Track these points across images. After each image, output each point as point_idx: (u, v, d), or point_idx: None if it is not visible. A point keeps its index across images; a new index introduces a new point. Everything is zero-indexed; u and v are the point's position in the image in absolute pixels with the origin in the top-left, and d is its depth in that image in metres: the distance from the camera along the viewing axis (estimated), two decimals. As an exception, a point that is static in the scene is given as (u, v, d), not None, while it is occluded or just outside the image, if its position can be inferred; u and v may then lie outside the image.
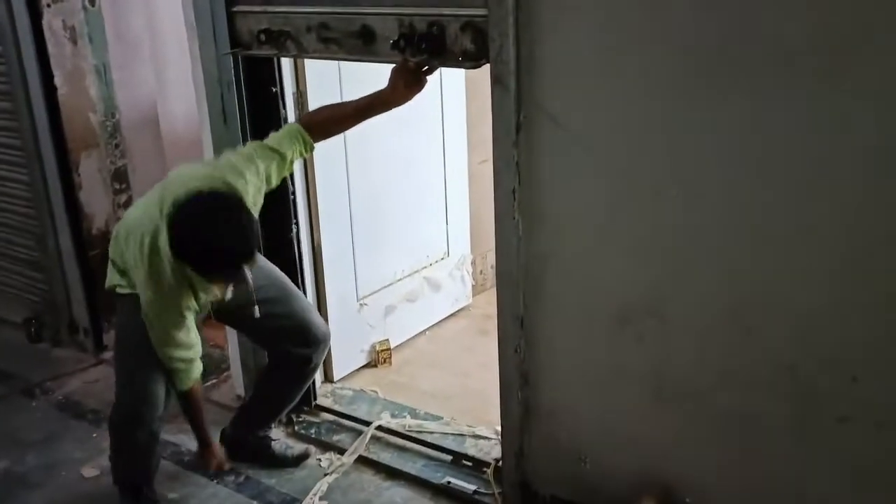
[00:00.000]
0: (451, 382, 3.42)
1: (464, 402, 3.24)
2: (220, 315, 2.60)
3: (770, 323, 1.98)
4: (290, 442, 2.95)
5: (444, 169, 3.73)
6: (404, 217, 3.57)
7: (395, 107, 2.40)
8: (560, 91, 2.09)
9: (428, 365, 3.57)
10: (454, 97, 3.68)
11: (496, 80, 2.15)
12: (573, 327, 2.28)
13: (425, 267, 3.76)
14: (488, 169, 3.98)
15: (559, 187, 2.18)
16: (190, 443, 3.05)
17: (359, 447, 2.90)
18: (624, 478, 2.30)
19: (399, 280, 3.62)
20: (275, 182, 2.41)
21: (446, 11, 2.22)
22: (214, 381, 3.45)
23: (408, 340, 3.73)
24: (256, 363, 3.07)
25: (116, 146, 3.67)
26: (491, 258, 4.30)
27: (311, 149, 2.45)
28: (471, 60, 2.23)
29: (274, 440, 2.89)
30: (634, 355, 2.20)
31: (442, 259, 3.84)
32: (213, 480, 2.83)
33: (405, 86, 2.33)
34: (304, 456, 2.89)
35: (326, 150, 3.10)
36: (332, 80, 2.97)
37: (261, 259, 2.64)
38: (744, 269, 1.98)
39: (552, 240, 2.24)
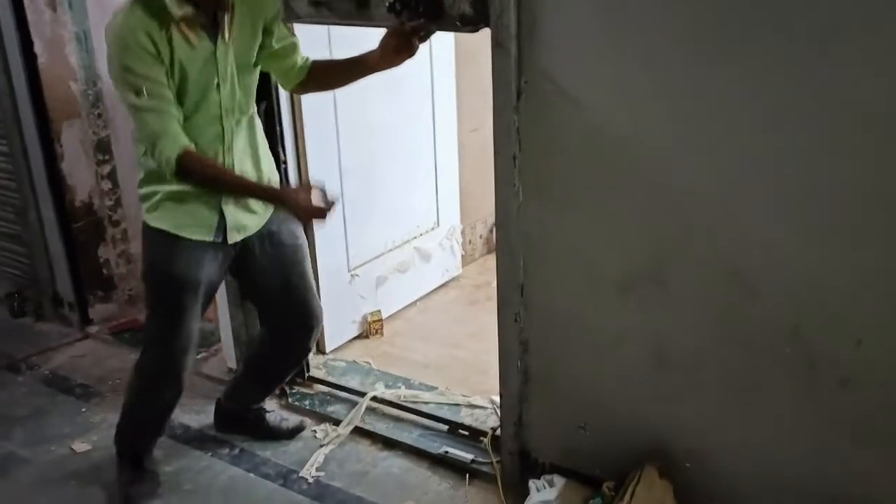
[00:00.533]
0: (443, 353, 3.41)
1: (457, 371, 3.24)
2: (238, 266, 2.48)
3: (773, 286, 1.97)
4: (285, 414, 2.93)
5: (434, 138, 3.70)
6: (394, 187, 3.53)
7: (380, 70, 2.32)
8: (562, 55, 2.06)
9: (419, 336, 3.56)
10: (444, 66, 3.63)
11: (497, 45, 2.11)
12: (574, 294, 2.27)
13: (415, 237, 3.73)
14: (478, 138, 3.99)
15: (560, 153, 2.15)
16: (182, 416, 3.02)
17: (354, 418, 2.88)
18: (624, 444, 2.30)
19: (390, 251, 3.59)
20: (273, 41, 2.32)
21: (444, -26, 2.17)
22: (205, 354, 3.41)
23: (399, 311, 3.71)
24: (248, 336, 3.04)
25: (99, 116, 3.59)
26: (480, 228, 4.31)
27: (299, 80, 2.42)
28: (469, 25, 2.18)
29: (268, 412, 2.86)
30: (636, 321, 2.19)
31: (432, 229, 3.81)
32: (207, 454, 2.80)
33: (395, 50, 2.25)
34: (299, 428, 2.87)
35: (316, 120, 3.07)
36: (321, 45, 2.91)
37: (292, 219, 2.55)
38: (747, 233, 1.97)
39: (553, 207, 2.21)
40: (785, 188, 1.89)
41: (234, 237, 2.36)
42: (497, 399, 2.89)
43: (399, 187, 3.56)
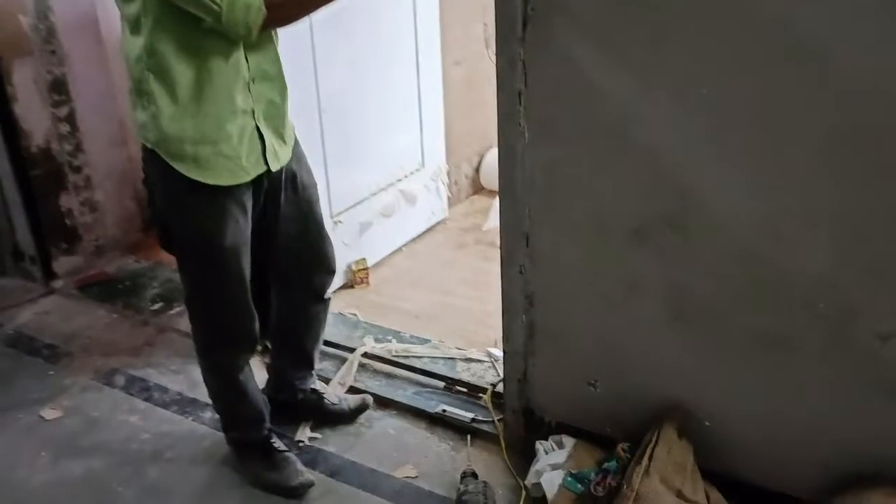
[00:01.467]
0: (433, 301, 3.23)
1: (449, 321, 3.07)
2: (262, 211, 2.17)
3: (807, 234, 1.80)
4: (343, 394, 2.65)
5: (418, 72, 3.45)
6: (377, 126, 3.31)
7: None
8: (574, -23, 1.84)
9: (407, 283, 3.38)
10: (426, -5, 3.38)
11: (500, -34, 1.88)
12: (584, 243, 2.08)
13: (400, 179, 3.52)
14: (461, 72, 3.75)
15: (571, 88, 1.94)
16: (158, 377, 2.84)
17: (346, 376, 2.70)
18: (637, 402, 2.16)
19: (374, 194, 3.39)
20: None
21: None
22: (179, 308, 3.21)
23: (384, 258, 3.52)
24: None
25: (53, 53, 3.29)
26: (465, 168, 4.10)
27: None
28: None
29: (324, 393, 2.57)
30: (652, 272, 2.02)
31: (417, 170, 3.60)
32: (188, 418, 2.62)
33: None
34: (362, 407, 2.57)
35: (292, 53, 2.79)
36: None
37: (305, 155, 2.29)
38: (780, 175, 1.78)
39: (562, 147, 2.01)
40: (819, 127, 1.70)
41: (273, 165, 2.05)
42: (495, 352, 2.75)
43: (382, 126, 3.33)
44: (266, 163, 2.04)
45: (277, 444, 2.37)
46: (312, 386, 2.57)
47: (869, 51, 1.59)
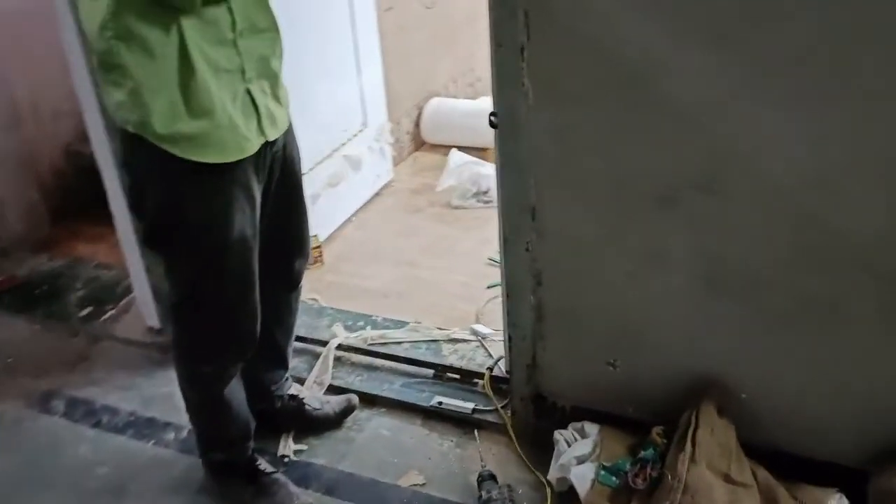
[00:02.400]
0: (398, 275, 2.97)
1: (421, 297, 2.82)
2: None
3: (861, 190, 1.61)
4: (323, 396, 2.34)
5: (353, 21, 3.11)
6: (315, 85, 2.95)
7: None
8: None
9: (366, 257, 3.09)
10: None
11: None
12: (600, 213, 1.85)
13: (344, 144, 3.20)
14: (394, 18, 3.42)
15: (583, 36, 1.68)
16: (103, 397, 2.49)
17: (324, 375, 2.41)
18: (663, 380, 1.97)
19: (319, 163, 3.06)
20: None
21: None
22: (112, 311, 2.84)
23: (334, 232, 3.22)
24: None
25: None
26: (406, 123, 3.79)
27: None
28: None
29: (303, 398, 2.28)
30: (681, 240, 1.81)
31: (360, 131, 3.29)
32: (149, 443, 2.29)
33: None
34: (349, 409, 2.30)
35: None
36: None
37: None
38: (830, 127, 1.58)
39: (573, 105, 1.76)
40: (869, 79, 1.51)
41: (270, 133, 1.77)
42: (480, 329, 2.55)
43: (320, 85, 2.98)
44: (263, 131, 1.73)
45: (263, 465, 2.08)
46: (289, 391, 2.28)
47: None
